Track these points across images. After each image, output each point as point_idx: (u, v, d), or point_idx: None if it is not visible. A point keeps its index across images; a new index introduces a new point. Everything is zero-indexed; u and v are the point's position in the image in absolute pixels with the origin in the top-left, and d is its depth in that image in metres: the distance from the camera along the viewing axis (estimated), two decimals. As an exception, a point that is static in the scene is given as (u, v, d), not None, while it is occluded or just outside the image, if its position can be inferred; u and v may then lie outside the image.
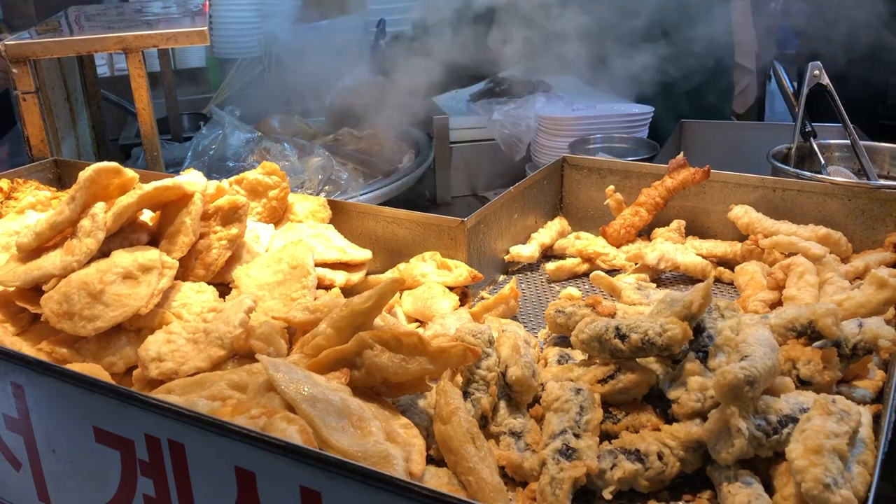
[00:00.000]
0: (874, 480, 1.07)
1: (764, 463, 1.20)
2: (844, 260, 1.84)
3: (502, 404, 1.37)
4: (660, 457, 1.23)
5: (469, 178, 3.35)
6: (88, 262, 1.53)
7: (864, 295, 1.51)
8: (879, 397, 1.37)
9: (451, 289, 1.77)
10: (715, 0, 3.19)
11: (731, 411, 1.16)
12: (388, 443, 1.15)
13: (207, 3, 3.06)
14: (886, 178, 2.29)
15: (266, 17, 4.65)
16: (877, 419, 1.28)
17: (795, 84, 2.56)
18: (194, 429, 1.04)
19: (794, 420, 1.18)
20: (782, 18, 4.02)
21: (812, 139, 2.30)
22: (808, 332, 1.36)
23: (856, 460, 1.15)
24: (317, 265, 1.68)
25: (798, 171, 2.16)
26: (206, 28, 2.38)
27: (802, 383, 1.31)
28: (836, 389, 1.36)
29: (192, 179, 1.71)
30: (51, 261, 1.54)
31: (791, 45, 4.34)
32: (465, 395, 1.34)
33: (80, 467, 1.20)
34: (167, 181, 1.65)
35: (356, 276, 1.76)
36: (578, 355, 1.51)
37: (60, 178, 2.37)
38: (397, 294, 1.76)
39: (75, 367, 1.40)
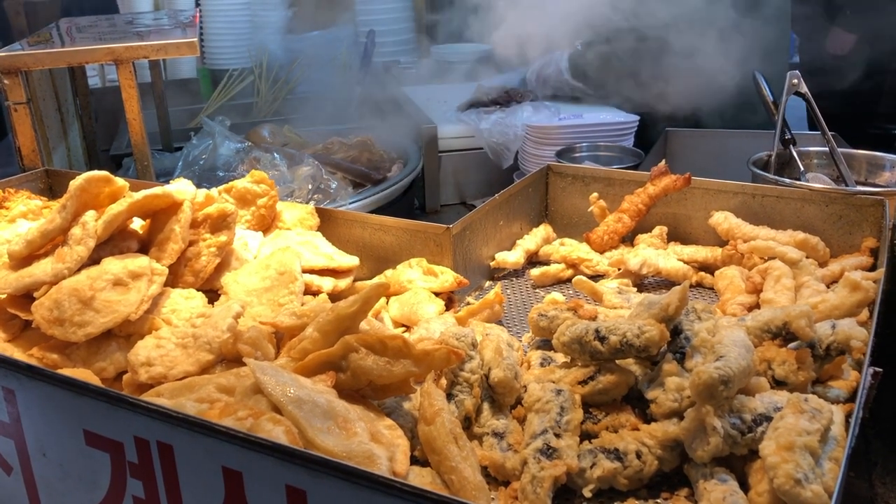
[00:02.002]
0: (841, 473, 1.10)
1: (739, 461, 1.23)
2: (822, 264, 1.87)
3: (485, 406, 1.39)
4: (638, 455, 1.26)
5: (458, 186, 3.39)
6: (79, 270, 1.55)
7: (838, 297, 1.54)
8: (853, 397, 1.40)
9: (437, 294, 1.80)
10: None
11: (707, 410, 1.19)
12: (372, 443, 1.18)
13: (198, 14, 3.10)
14: (864, 184, 2.33)
15: (257, 29, 4.69)
16: (850, 418, 1.31)
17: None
18: (182, 430, 1.06)
19: (769, 419, 1.21)
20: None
21: (791, 146, 2.34)
22: (783, 334, 1.40)
23: (827, 457, 1.18)
24: (304, 272, 1.71)
25: (777, 177, 2.20)
26: (195, 39, 2.41)
27: (778, 383, 1.34)
28: (812, 390, 1.39)
29: (181, 188, 1.74)
30: (42, 268, 1.56)
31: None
32: (449, 396, 1.36)
33: (71, 470, 1.21)
34: (157, 189, 1.67)
35: (343, 283, 1.79)
36: (561, 358, 1.54)
37: (52, 187, 2.39)
38: (384, 299, 1.79)
39: (66, 372, 1.42)
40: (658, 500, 1.26)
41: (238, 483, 1.04)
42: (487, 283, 2.08)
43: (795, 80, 2.26)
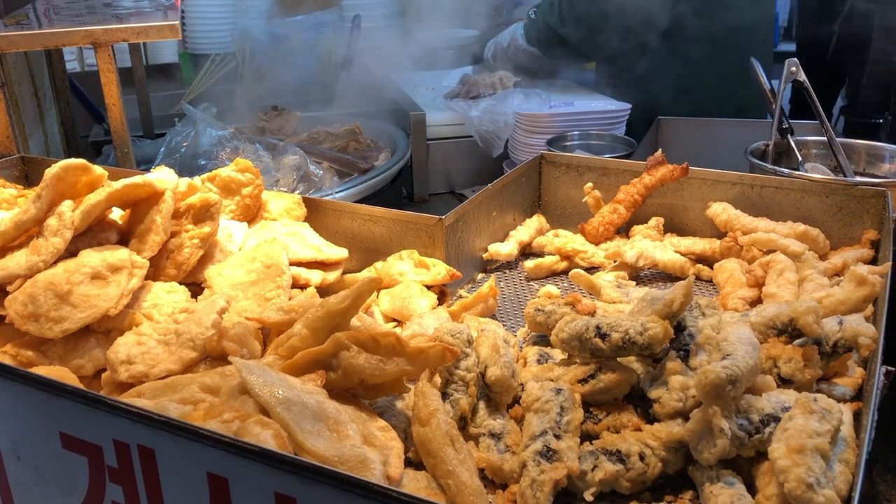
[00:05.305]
0: (859, 480, 1.06)
1: (746, 463, 1.19)
2: (822, 257, 1.84)
3: (481, 405, 1.34)
4: (641, 457, 1.21)
5: (446, 175, 3.33)
6: (55, 262, 1.48)
7: (844, 292, 1.50)
8: (859, 395, 1.37)
9: (429, 287, 1.75)
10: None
11: (714, 411, 1.15)
12: (365, 446, 1.13)
13: (179, -3, 3.01)
14: (862, 174, 2.30)
15: (240, 12, 4.60)
16: (857, 417, 1.27)
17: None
18: (165, 434, 1.01)
19: (777, 419, 1.17)
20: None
21: (789, 136, 2.30)
22: (789, 330, 1.36)
23: (837, 459, 1.15)
24: (292, 264, 1.65)
25: (776, 167, 2.16)
26: (177, 22, 2.33)
27: (783, 381, 1.30)
28: (816, 387, 1.36)
29: (162, 177, 1.67)
30: (16, 261, 1.50)
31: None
32: (444, 395, 1.32)
33: (47, 474, 1.16)
34: (137, 178, 1.61)
35: (332, 276, 1.73)
36: (558, 354, 1.49)
37: (27, 175, 2.31)
38: (374, 293, 1.74)
39: (42, 370, 1.36)
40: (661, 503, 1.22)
41: (224, 490, 0.99)
42: (480, 276, 2.03)
43: (794, 69, 2.22)
